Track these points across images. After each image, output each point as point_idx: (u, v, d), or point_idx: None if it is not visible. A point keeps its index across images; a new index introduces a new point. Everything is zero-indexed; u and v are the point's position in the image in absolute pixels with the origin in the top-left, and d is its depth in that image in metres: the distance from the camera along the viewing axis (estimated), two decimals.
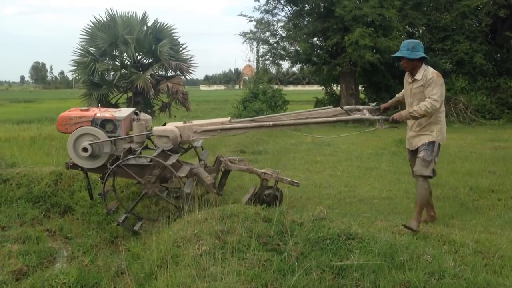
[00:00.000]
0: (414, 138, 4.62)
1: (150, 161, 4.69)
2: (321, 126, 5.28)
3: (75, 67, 17.47)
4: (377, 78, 17.91)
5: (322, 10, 16.89)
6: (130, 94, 18.02)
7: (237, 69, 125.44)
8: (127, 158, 4.59)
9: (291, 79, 67.57)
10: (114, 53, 17.90)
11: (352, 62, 16.15)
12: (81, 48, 17.22)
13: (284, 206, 4.64)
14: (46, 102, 41.87)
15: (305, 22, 16.84)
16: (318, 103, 17.98)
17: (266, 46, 17.07)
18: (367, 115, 4.65)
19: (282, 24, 17.28)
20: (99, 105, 6.07)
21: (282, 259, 3.38)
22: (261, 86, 15.82)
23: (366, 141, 12.19)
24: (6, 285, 3.51)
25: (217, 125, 4.92)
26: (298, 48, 16.27)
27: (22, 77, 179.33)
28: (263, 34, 16.82)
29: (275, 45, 17.01)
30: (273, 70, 21.04)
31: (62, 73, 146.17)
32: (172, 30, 17.68)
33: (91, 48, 17.21)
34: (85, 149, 4.77)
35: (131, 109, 5.13)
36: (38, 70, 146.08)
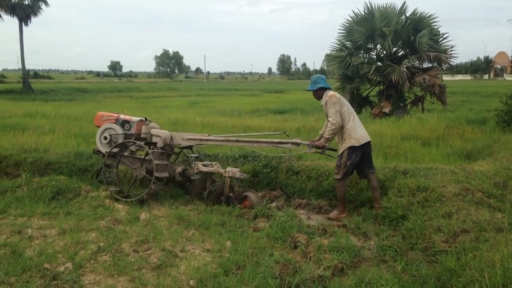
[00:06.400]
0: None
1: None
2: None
3: (331, 61, 18.28)
4: None
5: None
6: (381, 87, 17.87)
7: (487, 57, 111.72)
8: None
9: None
10: (368, 46, 17.98)
11: None
12: (338, 42, 17.86)
13: None
14: (292, 92, 45.58)
15: None
16: None
17: None
18: (300, 141, 5.81)
19: None
20: None
21: None
22: None
23: None
24: (326, 279, 3.71)
25: (197, 136, 6.43)
26: None
27: (270, 69, 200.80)
28: None
29: None
30: None
31: (304, 64, 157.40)
32: (432, 19, 16.66)
33: (347, 42, 17.68)
34: (105, 138, 6.47)
35: (143, 117, 6.74)
36: (284, 62, 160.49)
